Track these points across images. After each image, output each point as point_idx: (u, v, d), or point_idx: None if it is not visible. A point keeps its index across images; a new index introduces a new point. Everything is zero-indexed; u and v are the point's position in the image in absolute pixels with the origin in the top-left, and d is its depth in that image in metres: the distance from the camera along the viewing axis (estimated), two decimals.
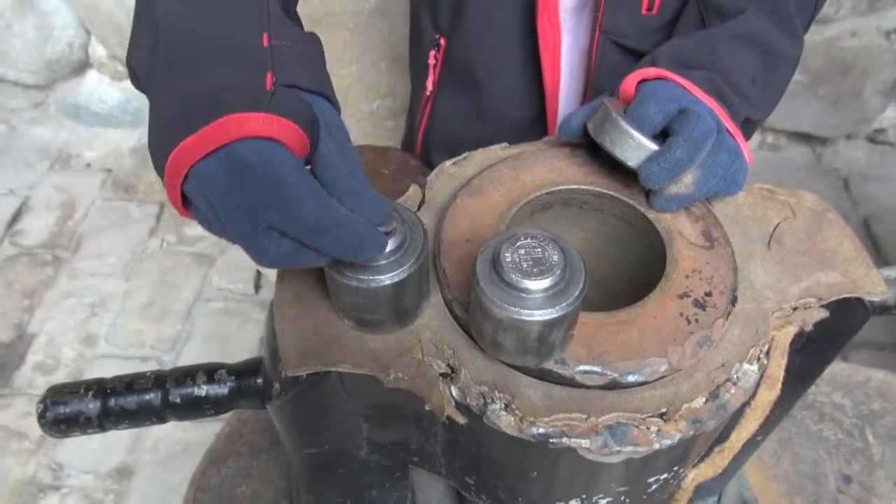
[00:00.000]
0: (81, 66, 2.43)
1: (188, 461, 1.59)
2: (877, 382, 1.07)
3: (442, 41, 0.85)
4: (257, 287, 1.97)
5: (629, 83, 0.57)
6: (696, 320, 0.47)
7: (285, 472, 0.94)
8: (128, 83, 2.44)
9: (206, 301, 1.94)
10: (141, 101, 2.45)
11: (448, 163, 0.61)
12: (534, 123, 0.87)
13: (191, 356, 1.80)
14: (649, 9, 0.77)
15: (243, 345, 1.83)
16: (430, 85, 0.90)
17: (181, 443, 1.65)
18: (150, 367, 1.77)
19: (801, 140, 2.42)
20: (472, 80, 0.86)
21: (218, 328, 1.87)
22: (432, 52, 0.87)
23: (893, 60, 2.17)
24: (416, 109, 0.94)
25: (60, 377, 1.76)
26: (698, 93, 0.56)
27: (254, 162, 0.38)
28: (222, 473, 0.97)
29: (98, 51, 2.37)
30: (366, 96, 1.48)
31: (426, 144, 0.95)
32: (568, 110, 0.86)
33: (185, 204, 0.42)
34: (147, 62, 0.43)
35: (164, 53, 0.42)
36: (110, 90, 2.45)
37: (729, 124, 0.57)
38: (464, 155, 0.62)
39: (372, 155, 0.92)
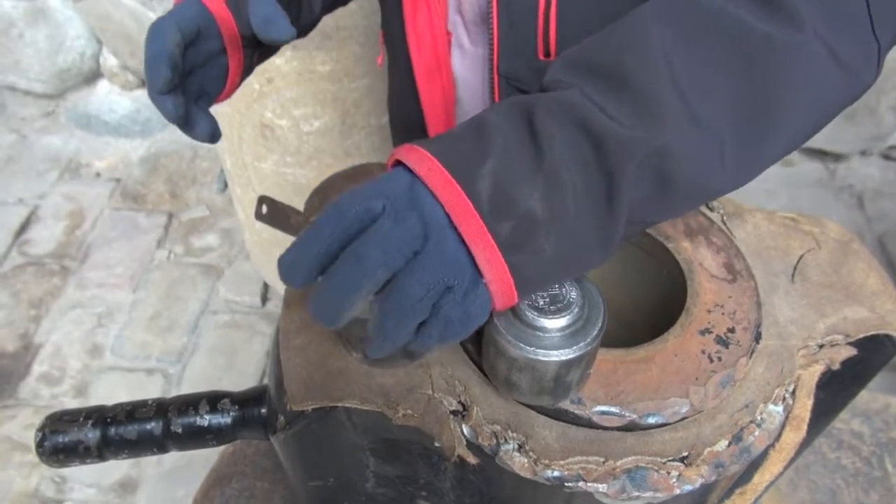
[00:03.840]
0: (92, 75, 2.44)
1: (192, 475, 1.57)
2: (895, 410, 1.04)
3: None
4: (264, 300, 1.95)
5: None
6: (719, 358, 0.45)
7: (289, 495, 0.92)
8: (138, 93, 2.45)
9: (212, 313, 1.92)
10: (151, 111, 2.45)
11: None
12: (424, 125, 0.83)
13: (197, 369, 1.79)
14: (546, 55, 0.66)
15: (249, 358, 1.82)
16: (379, 60, 0.89)
17: (185, 457, 1.63)
18: (156, 379, 1.78)
19: (815, 156, 2.39)
20: (393, 64, 0.84)
21: (224, 341, 1.86)
22: (382, 31, 0.87)
23: None
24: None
25: (65, 388, 1.75)
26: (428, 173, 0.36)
27: None
28: (226, 494, 0.95)
29: (109, 61, 2.38)
30: (375, 110, 1.47)
31: (391, 121, 0.95)
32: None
33: None
34: None
35: None
36: (121, 100, 2.46)
37: (475, 238, 0.35)
38: None
39: (381, 172, 0.91)
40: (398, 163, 0.39)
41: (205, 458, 1.57)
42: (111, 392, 1.75)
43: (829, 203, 2.28)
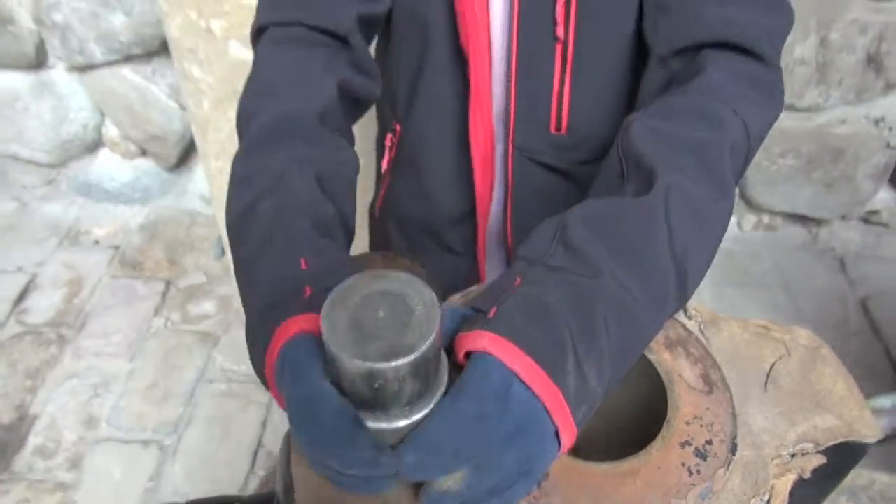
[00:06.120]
0: (94, 145, 2.50)
1: None
2: (881, 486, 1.07)
3: (398, 127, 0.90)
4: None
5: (459, 349, 0.45)
6: (698, 471, 0.49)
7: None
8: (139, 161, 2.51)
9: (208, 382, 1.94)
10: (150, 179, 2.51)
11: (457, 296, 0.64)
12: (466, 216, 0.90)
13: (192, 440, 1.80)
14: (557, 129, 0.77)
15: (245, 428, 1.83)
16: (384, 164, 0.95)
17: None
18: (151, 451, 1.78)
19: (797, 221, 2.47)
20: (416, 165, 0.89)
21: (220, 410, 1.87)
22: (389, 136, 0.92)
23: (883, 146, 2.24)
24: (378, 185, 1.00)
25: (59, 461, 1.75)
26: (527, 373, 0.42)
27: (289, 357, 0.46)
28: None
29: (111, 131, 2.45)
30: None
31: (382, 217, 1.01)
32: (495, 215, 0.89)
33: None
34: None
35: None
36: (121, 168, 2.52)
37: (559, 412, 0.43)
38: (472, 287, 0.64)
39: (381, 263, 0.95)
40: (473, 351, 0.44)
41: None
42: (106, 465, 1.75)
43: (812, 266, 2.34)
